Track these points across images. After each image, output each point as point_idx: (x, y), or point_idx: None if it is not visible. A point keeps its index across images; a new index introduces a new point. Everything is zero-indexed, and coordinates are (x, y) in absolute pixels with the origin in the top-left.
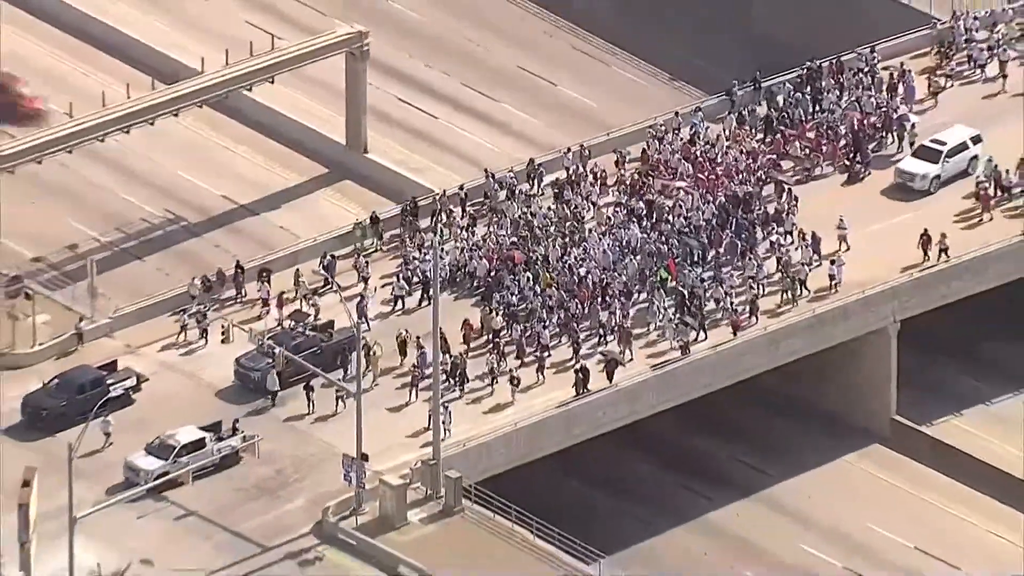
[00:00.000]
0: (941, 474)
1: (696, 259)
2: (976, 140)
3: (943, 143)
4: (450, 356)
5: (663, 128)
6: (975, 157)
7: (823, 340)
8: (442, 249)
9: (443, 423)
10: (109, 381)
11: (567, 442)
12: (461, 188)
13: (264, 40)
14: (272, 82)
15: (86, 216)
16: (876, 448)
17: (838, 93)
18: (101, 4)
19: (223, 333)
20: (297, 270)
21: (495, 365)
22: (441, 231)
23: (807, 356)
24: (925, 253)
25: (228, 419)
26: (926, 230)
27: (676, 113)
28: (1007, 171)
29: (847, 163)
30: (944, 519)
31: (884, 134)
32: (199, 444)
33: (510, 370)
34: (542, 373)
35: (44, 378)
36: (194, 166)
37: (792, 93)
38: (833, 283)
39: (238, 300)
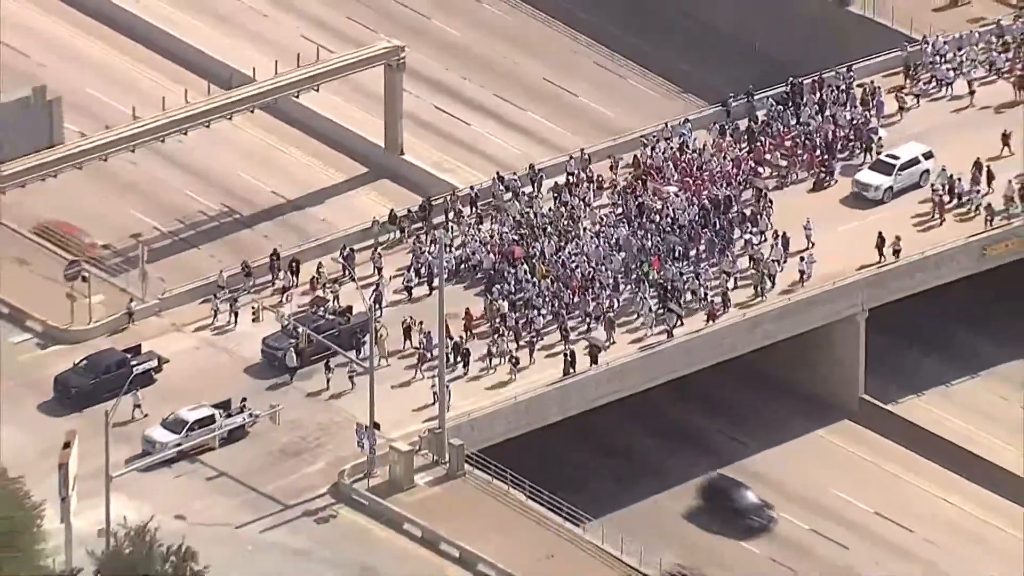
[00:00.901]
0: (903, 447)
1: (678, 255)
2: (928, 156)
3: (897, 158)
4: (451, 339)
5: (655, 137)
6: (927, 171)
7: (797, 325)
8: (450, 244)
9: (444, 393)
10: (132, 363)
11: (561, 415)
12: (472, 189)
13: (315, 51)
14: (317, 90)
15: (150, 208)
16: (845, 423)
17: (817, 107)
18: (169, 16)
19: (253, 315)
20: (320, 262)
21: (494, 347)
22: (451, 228)
23: (785, 340)
24: (880, 253)
25: (254, 392)
26: (881, 233)
27: (666, 124)
28: (959, 179)
29: (822, 170)
30: (903, 488)
31: (855, 145)
32: (209, 420)
33: (508, 351)
34: (531, 356)
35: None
36: (248, 165)
37: (774, 107)
38: (803, 277)
39: (272, 285)
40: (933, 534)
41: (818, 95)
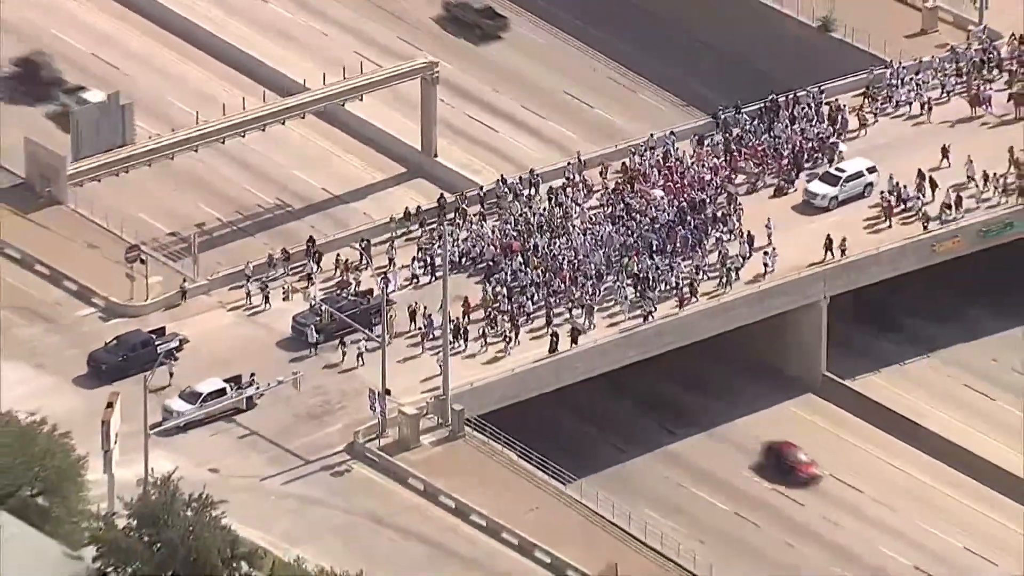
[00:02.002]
0: (859, 419)
1: (655, 250)
2: (871, 170)
3: (843, 171)
4: (452, 321)
5: (642, 147)
6: (870, 184)
7: (766, 310)
8: (455, 238)
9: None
10: (157, 342)
11: (552, 387)
12: (481, 189)
13: (365, 64)
14: (361, 99)
15: (212, 200)
16: (809, 397)
17: (788, 122)
18: (236, 31)
19: (284, 295)
20: (338, 252)
21: (489, 328)
22: (457, 224)
23: (756, 323)
24: (828, 252)
25: (282, 362)
26: (829, 235)
27: (652, 135)
28: (905, 186)
29: (784, 179)
30: (857, 454)
31: (819, 157)
32: (220, 392)
33: (503, 332)
34: (516, 337)
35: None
36: (300, 164)
37: (750, 121)
38: (767, 270)
39: (303, 271)
40: (881, 495)
41: (791, 111)
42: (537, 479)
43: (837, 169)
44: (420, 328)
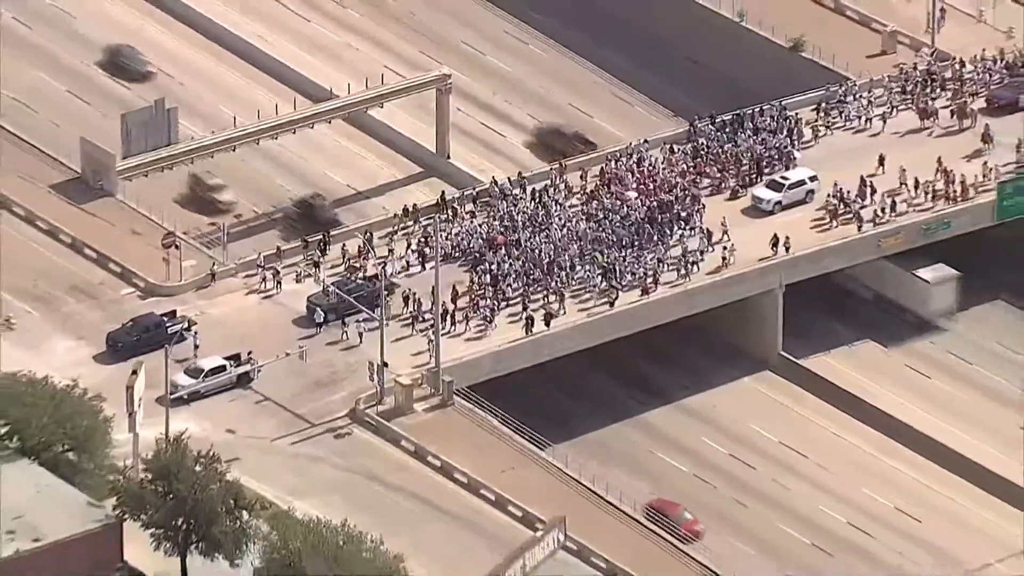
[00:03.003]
0: (811, 394)
1: (624, 244)
2: (813, 179)
3: (787, 179)
4: (440, 305)
5: (618, 154)
6: (811, 191)
7: (727, 297)
8: (448, 232)
9: (430, 347)
10: (167, 324)
11: (531, 362)
12: (474, 189)
13: (389, 74)
14: (382, 106)
15: (249, 194)
16: (766, 374)
17: (752, 133)
18: (275, 43)
19: (297, 278)
20: (344, 244)
21: (473, 312)
22: (449, 219)
23: (720, 307)
24: (774, 249)
25: (294, 338)
26: (775, 234)
27: (629, 144)
28: (848, 191)
29: (739, 184)
30: (806, 425)
31: (776, 164)
32: (220, 368)
33: (486, 314)
34: (492, 320)
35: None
36: (328, 162)
37: (714, 132)
38: (725, 262)
39: (323, 256)
40: (825, 461)
41: (754, 123)
42: (515, 443)
43: (781, 177)
44: (412, 311)
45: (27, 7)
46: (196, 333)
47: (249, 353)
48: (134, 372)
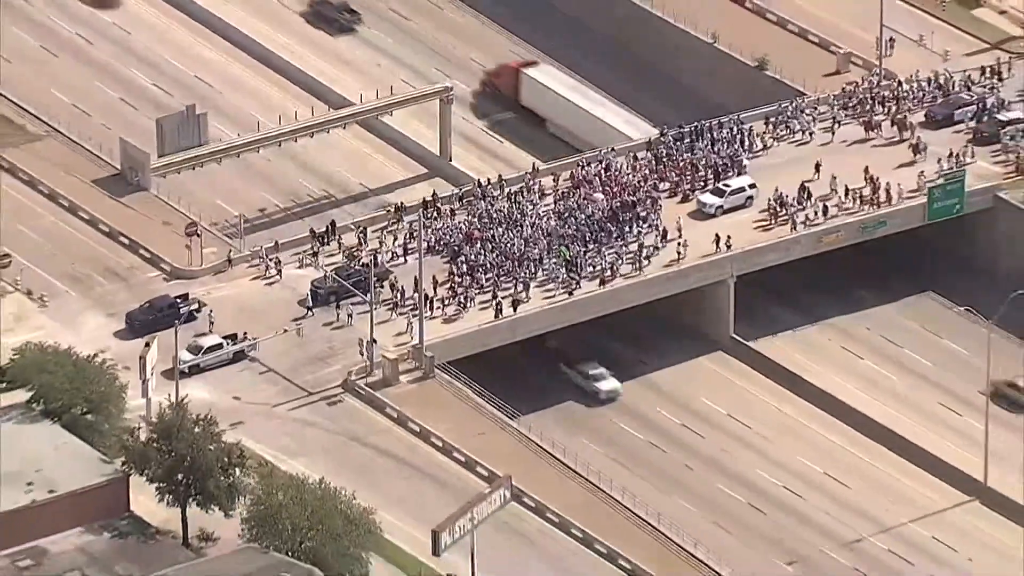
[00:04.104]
0: (758, 373)
1: (587, 240)
2: (752, 186)
3: (729, 186)
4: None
5: (587, 160)
6: (750, 196)
7: (682, 285)
8: (430, 227)
9: (408, 328)
10: (180, 305)
11: (506, 341)
12: (459, 188)
13: (405, 87)
14: (391, 114)
15: (271, 190)
16: (719, 354)
17: (709, 143)
18: (303, 56)
19: (299, 265)
20: (339, 237)
21: (450, 298)
22: (433, 216)
23: (679, 294)
24: (717, 246)
25: (294, 317)
26: (717, 234)
27: (598, 151)
28: (788, 195)
29: (688, 190)
30: (752, 400)
31: (730, 172)
32: (218, 346)
33: (460, 301)
34: (464, 305)
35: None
36: (343, 162)
37: (673, 142)
38: (679, 256)
39: (326, 246)
40: (766, 431)
41: (712, 134)
42: (488, 412)
43: (724, 184)
44: (394, 297)
45: (92, 25)
46: (212, 311)
47: (245, 333)
48: (147, 345)
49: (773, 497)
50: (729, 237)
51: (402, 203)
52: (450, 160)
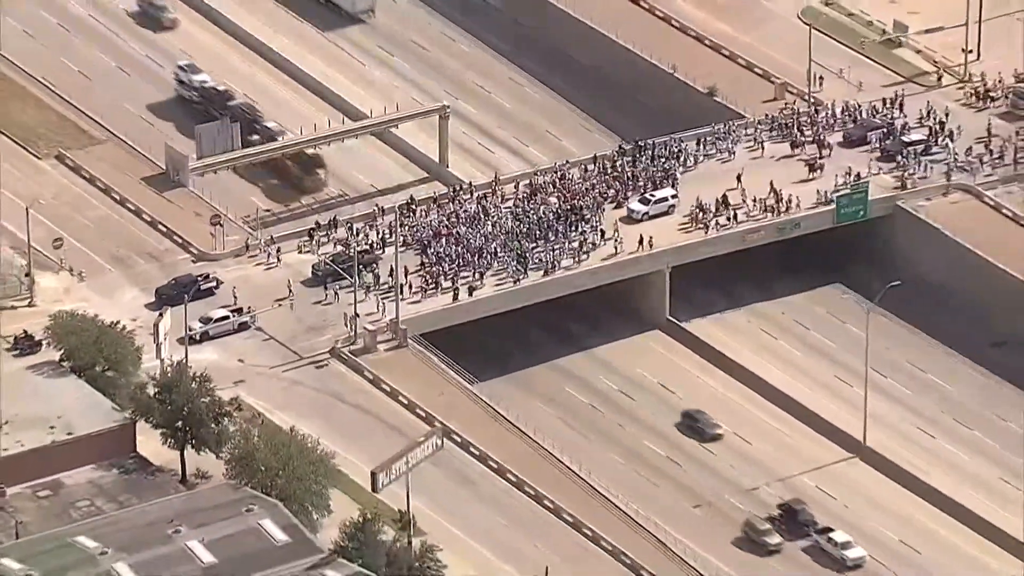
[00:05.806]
0: (691, 351)
1: (537, 237)
2: (674, 196)
3: (654, 195)
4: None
5: (545, 171)
6: (672, 204)
7: (623, 274)
8: (405, 224)
9: (379, 308)
10: (200, 283)
11: (469, 318)
12: (435, 192)
13: (414, 104)
14: (396, 127)
15: (295, 189)
16: (656, 332)
17: (649, 159)
18: (333, 77)
19: (299, 251)
20: (336, 230)
21: (420, 283)
22: (409, 215)
23: (621, 280)
24: (640, 246)
25: (298, 294)
26: (642, 235)
27: (555, 163)
28: (708, 203)
29: (623, 197)
30: (682, 373)
31: (666, 182)
32: (224, 318)
33: (425, 287)
34: (425, 290)
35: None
36: (358, 166)
37: (619, 157)
38: (616, 251)
39: (329, 236)
40: (689, 398)
41: (652, 151)
42: (451, 376)
43: (650, 194)
44: (371, 282)
45: (151, 43)
46: (235, 288)
47: (248, 307)
48: (161, 314)
49: (689, 452)
50: (651, 238)
51: (382, 207)
52: (447, 167)
